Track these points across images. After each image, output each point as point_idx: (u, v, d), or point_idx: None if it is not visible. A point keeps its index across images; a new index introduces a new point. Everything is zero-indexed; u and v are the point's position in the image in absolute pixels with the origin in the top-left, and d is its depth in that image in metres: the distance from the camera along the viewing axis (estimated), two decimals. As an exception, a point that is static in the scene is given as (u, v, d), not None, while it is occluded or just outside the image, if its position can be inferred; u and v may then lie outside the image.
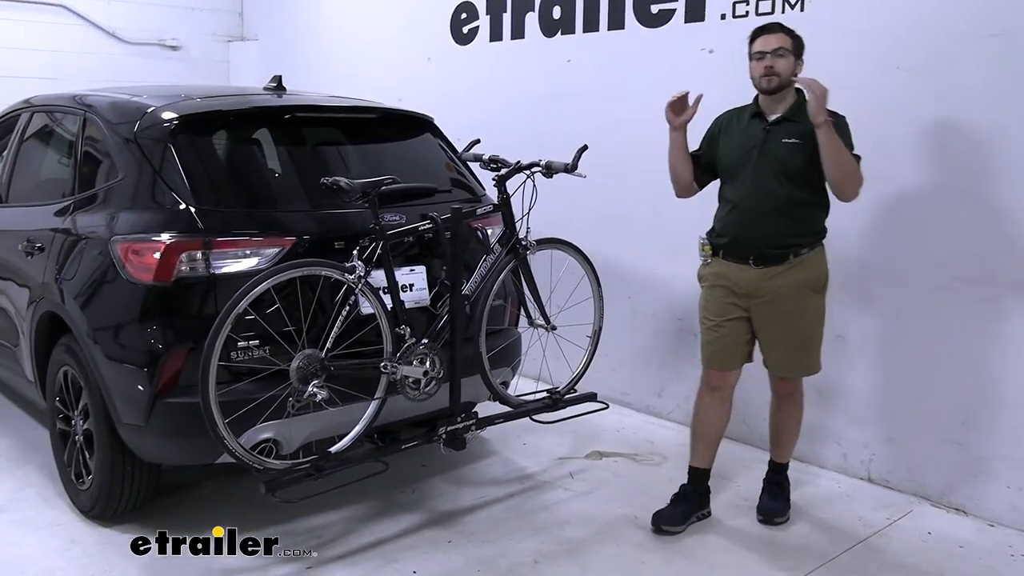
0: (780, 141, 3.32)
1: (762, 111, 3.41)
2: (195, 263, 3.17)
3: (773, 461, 3.79)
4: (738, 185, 3.42)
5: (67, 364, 3.60)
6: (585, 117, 5.07)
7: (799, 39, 3.35)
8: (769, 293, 3.41)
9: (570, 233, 4.13)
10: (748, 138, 3.41)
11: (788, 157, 3.31)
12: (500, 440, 4.54)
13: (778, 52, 3.27)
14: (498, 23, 5.56)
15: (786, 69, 3.29)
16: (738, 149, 3.43)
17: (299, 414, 3.11)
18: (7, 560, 3.28)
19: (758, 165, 3.36)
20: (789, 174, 3.32)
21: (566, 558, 3.38)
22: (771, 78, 3.30)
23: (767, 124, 3.37)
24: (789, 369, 3.57)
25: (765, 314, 3.45)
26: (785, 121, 3.34)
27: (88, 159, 3.82)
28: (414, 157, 4.10)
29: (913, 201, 3.83)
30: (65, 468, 3.74)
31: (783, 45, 3.28)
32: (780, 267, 3.38)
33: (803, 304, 3.44)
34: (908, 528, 3.68)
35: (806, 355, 3.54)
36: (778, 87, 3.31)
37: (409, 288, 3.55)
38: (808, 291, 3.43)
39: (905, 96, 3.79)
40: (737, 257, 3.45)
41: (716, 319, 3.54)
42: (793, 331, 3.47)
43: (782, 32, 3.32)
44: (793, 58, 3.31)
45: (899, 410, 3.98)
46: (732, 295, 3.48)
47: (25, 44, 6.75)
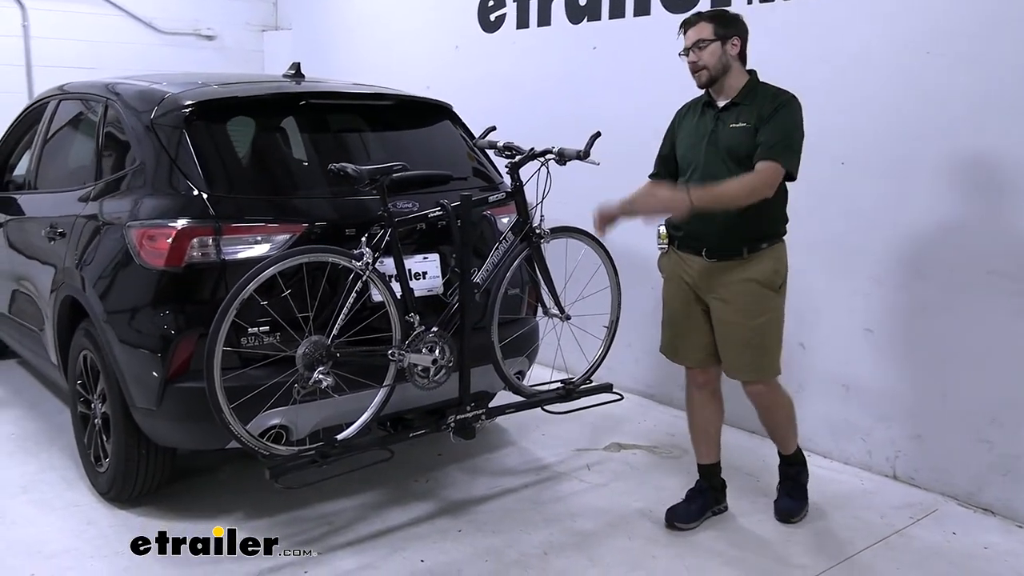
0: (728, 127, 3.19)
1: (712, 99, 3.29)
2: (206, 249, 3.18)
3: (780, 453, 3.67)
4: (690, 175, 3.28)
5: (86, 348, 3.65)
6: (610, 104, 5.01)
7: (726, 20, 3.20)
8: (721, 289, 3.28)
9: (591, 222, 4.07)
10: (700, 128, 3.29)
11: (736, 142, 3.17)
12: (518, 430, 4.51)
13: (698, 45, 3.16)
14: (525, 10, 5.52)
15: (712, 59, 3.16)
16: (691, 139, 3.32)
17: (305, 401, 3.11)
18: (24, 539, 3.34)
19: (708, 154, 3.23)
20: (739, 159, 3.16)
21: (575, 550, 3.35)
22: (700, 73, 3.20)
23: (717, 111, 3.25)
24: (741, 371, 3.37)
25: (718, 311, 3.32)
26: (734, 106, 3.21)
27: (109, 146, 3.86)
28: (432, 144, 4.08)
29: (944, 192, 3.70)
30: (85, 451, 3.80)
31: (702, 36, 3.16)
32: (733, 262, 3.25)
33: (757, 302, 3.26)
34: (932, 527, 3.57)
35: (760, 356, 3.33)
36: (709, 80, 3.20)
37: (422, 276, 3.54)
38: (763, 288, 3.25)
39: (936, 82, 3.66)
40: (691, 249, 3.34)
41: (674, 314, 3.46)
42: (747, 330, 3.28)
43: (702, 22, 3.19)
44: (719, 44, 3.16)
45: (926, 407, 3.86)
46: (688, 288, 3.38)
47: (63, 34, 6.87)
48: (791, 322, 4.22)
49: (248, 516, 3.55)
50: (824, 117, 4.00)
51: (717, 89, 3.24)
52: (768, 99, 3.16)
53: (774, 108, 3.11)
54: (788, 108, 3.13)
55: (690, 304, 3.40)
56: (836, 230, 4.05)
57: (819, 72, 4.02)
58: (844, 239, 4.03)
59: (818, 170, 4.00)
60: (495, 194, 3.64)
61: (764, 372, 3.37)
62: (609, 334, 4.01)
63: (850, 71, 3.93)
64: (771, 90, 3.21)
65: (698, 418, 3.60)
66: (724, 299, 3.28)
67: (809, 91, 4.00)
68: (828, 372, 4.19)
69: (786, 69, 4.06)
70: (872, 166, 3.91)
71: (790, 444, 3.60)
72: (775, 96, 3.17)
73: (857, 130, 3.93)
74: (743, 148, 3.14)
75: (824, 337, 4.19)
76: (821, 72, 4.02)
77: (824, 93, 4.01)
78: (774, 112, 3.11)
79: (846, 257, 4.04)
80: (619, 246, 4.01)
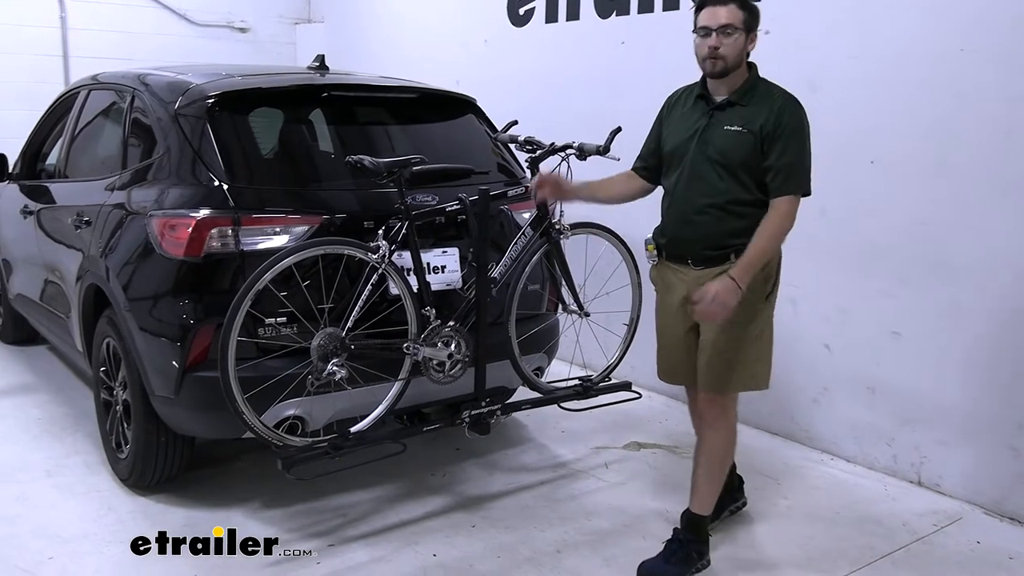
0: (722, 128, 2.88)
1: (707, 91, 2.97)
2: (225, 240, 3.20)
3: (689, 510, 3.15)
4: (676, 176, 3.00)
5: (109, 336, 3.69)
6: (637, 100, 4.90)
7: (754, 10, 2.86)
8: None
9: (619, 219, 4.04)
10: (690, 122, 2.98)
11: (728, 147, 2.86)
12: (538, 426, 4.49)
13: (726, 30, 2.79)
14: (554, 4, 5.48)
15: (734, 52, 2.82)
16: (679, 134, 3.01)
17: (320, 392, 3.11)
18: (44, 522, 3.39)
19: (695, 154, 2.93)
20: (729, 167, 2.86)
21: (589, 549, 3.32)
22: (715, 61, 2.83)
23: (710, 107, 2.94)
24: (713, 385, 3.01)
25: (703, 321, 2.97)
26: (731, 106, 2.89)
27: (134, 135, 3.90)
28: (456, 138, 4.07)
29: (975, 192, 3.60)
30: (107, 437, 3.85)
31: (733, 22, 2.79)
32: (719, 268, 2.91)
33: (743, 311, 2.87)
34: (956, 535, 3.49)
35: (738, 367, 2.98)
36: (723, 72, 2.85)
37: (440, 270, 3.53)
38: (749, 294, 2.85)
39: (969, 80, 3.57)
40: (677, 258, 3.06)
41: (665, 330, 3.17)
42: (728, 339, 2.94)
43: (734, 5, 2.80)
44: (744, 35, 2.82)
45: (953, 412, 3.78)
46: (676, 302, 3.07)
47: (99, 25, 6.97)
48: (817, 323, 4.20)
49: (264, 506, 3.57)
50: (854, 115, 3.94)
51: (717, 83, 2.92)
52: (769, 106, 2.83)
53: (779, 123, 2.80)
54: (795, 123, 2.83)
55: (680, 319, 3.09)
56: (864, 229, 3.97)
57: (849, 70, 3.95)
58: (872, 239, 3.95)
59: (847, 169, 3.94)
60: (514, 188, 3.61)
61: (728, 385, 3.01)
62: (629, 332, 3.98)
63: (881, 69, 3.85)
64: (772, 91, 2.90)
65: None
66: None
67: (839, 89, 3.98)
68: (853, 374, 4.11)
69: (816, 66, 4.02)
70: (902, 165, 3.82)
71: (707, 502, 3.12)
72: (780, 103, 2.84)
73: (888, 129, 3.84)
74: (736, 155, 2.85)
75: (850, 338, 4.11)
76: (851, 70, 3.94)
77: (854, 91, 3.94)
78: (781, 129, 2.80)
79: (873, 257, 3.96)
80: (639, 242, 3.96)
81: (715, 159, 2.89)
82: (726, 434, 3.11)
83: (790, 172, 2.83)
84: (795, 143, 2.83)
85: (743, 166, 2.86)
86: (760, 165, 2.85)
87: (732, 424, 3.12)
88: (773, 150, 2.82)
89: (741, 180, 2.87)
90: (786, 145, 2.81)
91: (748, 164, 2.85)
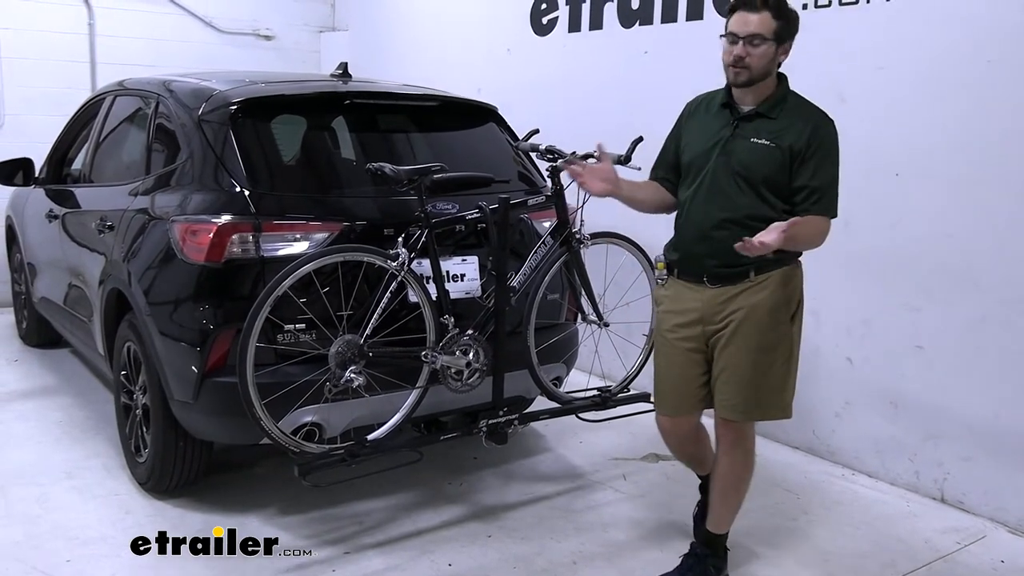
0: (748, 141, 2.73)
1: (732, 100, 2.81)
2: (246, 245, 3.21)
3: (707, 530, 3.08)
4: (693, 188, 2.84)
5: (130, 340, 3.72)
6: (660, 110, 4.87)
7: (788, 18, 2.67)
8: (724, 318, 2.80)
9: (641, 229, 4.02)
10: (711, 131, 2.82)
11: (753, 160, 2.71)
12: (556, 437, 4.47)
13: (754, 40, 2.63)
14: (577, 13, 5.48)
15: (761, 62, 2.66)
16: (698, 143, 2.85)
17: (338, 399, 3.11)
18: (62, 524, 3.41)
19: (716, 166, 2.77)
20: (751, 181, 2.72)
21: (605, 561, 3.29)
22: (740, 71, 2.68)
23: (735, 117, 2.79)
24: (739, 410, 2.84)
25: (721, 343, 2.82)
26: (758, 117, 2.75)
27: (158, 141, 3.93)
28: (477, 147, 4.08)
29: (1001, 203, 3.56)
30: (126, 440, 3.87)
31: (762, 32, 2.62)
32: (737, 286, 2.78)
33: (766, 332, 2.76)
34: (979, 554, 3.44)
35: (765, 395, 2.83)
36: (747, 82, 2.70)
37: (460, 278, 3.53)
38: (773, 316, 2.76)
39: (995, 92, 3.53)
40: (690, 276, 2.87)
41: (669, 360, 2.95)
42: (750, 364, 2.78)
43: (766, 11, 2.63)
44: (774, 46, 2.65)
45: (977, 427, 3.72)
46: (685, 324, 2.88)
47: (126, 32, 7.03)
48: (839, 336, 4.15)
49: (281, 512, 3.57)
50: (879, 127, 3.91)
51: (744, 92, 2.76)
52: (801, 123, 2.71)
53: (812, 141, 2.68)
54: (828, 144, 2.71)
55: (684, 343, 2.90)
56: (888, 242, 3.93)
57: (874, 81, 3.91)
58: (896, 251, 3.91)
59: (871, 181, 3.90)
60: (534, 197, 3.61)
61: (751, 414, 2.87)
62: (649, 342, 3.94)
63: (908, 80, 3.81)
64: (804, 108, 2.77)
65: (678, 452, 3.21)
66: (729, 329, 2.79)
67: (864, 100, 3.94)
68: (876, 388, 4.06)
69: (841, 78, 3.99)
70: (927, 177, 3.78)
71: (724, 520, 3.05)
72: (813, 122, 2.72)
73: (912, 140, 3.80)
74: (760, 170, 2.71)
75: (872, 352, 4.06)
76: (876, 81, 3.90)
77: (879, 102, 3.90)
78: (814, 150, 2.68)
79: (897, 270, 3.91)
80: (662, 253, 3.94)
81: (737, 172, 2.74)
82: (742, 459, 2.96)
83: (822, 194, 2.70)
84: (829, 164, 2.71)
85: (766, 181, 2.72)
86: (787, 183, 2.72)
87: (748, 449, 2.96)
88: (805, 170, 2.69)
89: (763, 196, 2.73)
90: (819, 166, 2.69)
91: (772, 180, 2.72)
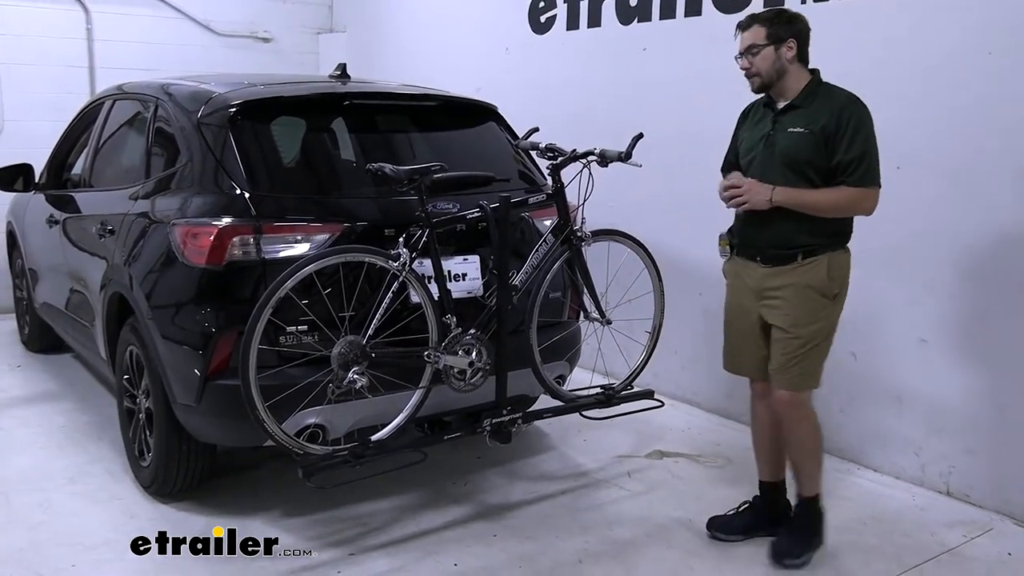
0: (786, 131, 3.07)
1: (772, 99, 3.18)
2: (247, 248, 3.20)
3: (798, 494, 3.35)
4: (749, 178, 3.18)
5: (133, 344, 3.71)
6: (659, 106, 4.93)
7: (780, 20, 3.07)
8: (774, 295, 3.15)
9: (643, 227, 4.02)
10: (759, 129, 3.19)
11: (793, 148, 3.05)
12: (560, 435, 4.46)
13: (751, 51, 3.07)
14: (575, 11, 5.47)
15: (765, 65, 3.06)
16: (750, 140, 3.22)
17: (340, 400, 3.10)
18: (65, 529, 3.41)
19: (764, 158, 3.13)
20: (795, 166, 3.05)
21: (611, 559, 3.29)
22: (752, 79, 3.12)
23: (775, 113, 3.14)
24: (784, 381, 3.18)
25: (769, 317, 3.19)
26: (793, 108, 3.09)
27: (158, 145, 3.92)
28: (478, 146, 4.07)
29: (1003, 196, 3.55)
30: (130, 445, 3.87)
31: (755, 41, 3.06)
32: (787, 267, 3.12)
33: (808, 309, 3.11)
34: (986, 547, 3.43)
35: (802, 364, 3.14)
36: (762, 86, 3.12)
37: (462, 278, 3.52)
38: (816, 295, 3.10)
39: (997, 84, 3.52)
40: (747, 255, 3.24)
41: (737, 323, 3.33)
42: (792, 336, 3.12)
43: (755, 25, 3.07)
44: (773, 48, 3.04)
45: (983, 420, 3.71)
46: (746, 296, 3.26)
47: (124, 36, 7.02)
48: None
49: (285, 514, 3.57)
50: (880, 120, 3.83)
51: (776, 92, 3.14)
52: (830, 105, 3.01)
53: (841, 121, 2.97)
54: (856, 120, 2.99)
55: (748, 313, 3.26)
56: (890, 236, 3.91)
57: (875, 74, 3.89)
58: (898, 245, 3.89)
59: (871, 174, 3.88)
60: (535, 196, 3.60)
61: (801, 384, 3.19)
62: (652, 339, 3.94)
63: (908, 73, 3.80)
64: (834, 93, 3.07)
65: (758, 431, 3.44)
66: (776, 305, 3.14)
67: (864, 94, 3.89)
68: (880, 383, 4.05)
69: (840, 71, 3.96)
70: (929, 170, 3.77)
71: (812, 483, 3.30)
72: (840, 104, 3.01)
73: (914, 133, 3.79)
74: (800, 154, 3.03)
75: (877, 346, 4.05)
76: (877, 74, 3.89)
77: (880, 96, 3.84)
78: (844, 126, 2.97)
79: (900, 264, 3.90)
80: (663, 250, 3.95)
81: (782, 159, 3.07)
82: (809, 427, 3.25)
83: (857, 166, 2.98)
84: (860, 138, 2.98)
85: (809, 164, 3.03)
86: (827, 164, 3.01)
87: (813, 417, 3.26)
88: (839, 148, 2.99)
89: (809, 178, 3.04)
90: (851, 141, 2.97)
91: (813, 162, 3.02)
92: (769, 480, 3.46)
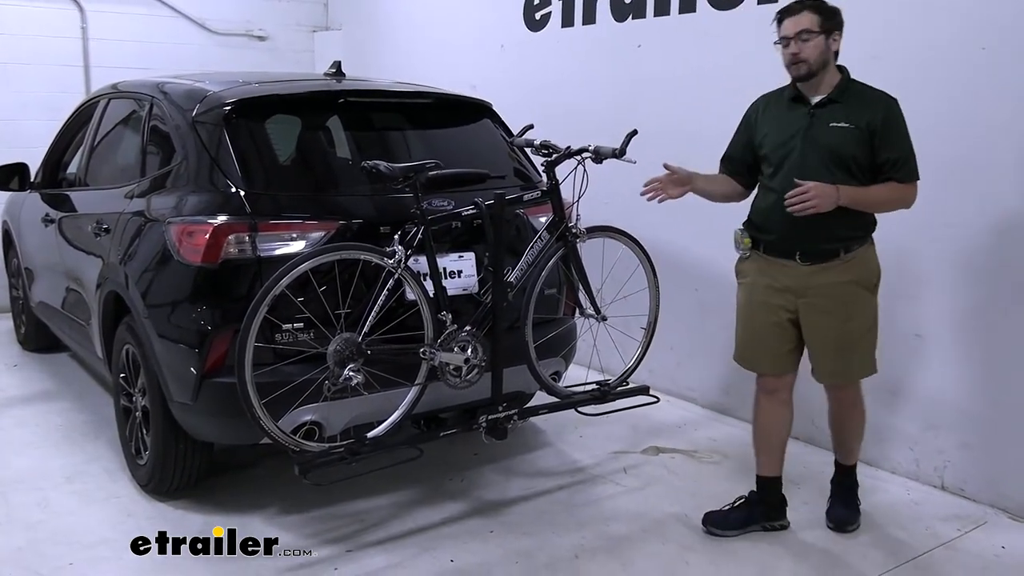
0: (828, 126, 3.07)
1: (802, 94, 3.16)
2: (242, 246, 3.21)
3: (839, 463, 3.55)
4: (783, 175, 3.14)
5: (129, 342, 3.71)
6: (654, 103, 4.94)
7: (830, 12, 3.06)
8: (818, 292, 3.17)
9: (638, 223, 4.03)
10: (790, 123, 3.16)
11: (838, 143, 3.06)
12: (556, 432, 4.47)
13: (802, 36, 3.01)
14: (570, 8, 5.47)
15: (815, 53, 3.03)
16: (779, 135, 3.19)
17: (336, 398, 3.11)
18: (63, 528, 3.41)
19: (804, 152, 3.10)
20: (841, 161, 3.06)
21: (607, 554, 3.30)
22: (799, 65, 3.06)
23: (811, 108, 3.13)
24: (841, 375, 3.32)
25: (813, 315, 3.21)
26: (831, 103, 3.10)
27: (153, 143, 3.93)
28: (473, 143, 4.07)
29: (997, 191, 3.56)
30: (127, 443, 3.87)
31: (807, 27, 3.01)
32: (830, 264, 3.15)
33: (855, 304, 3.19)
34: (980, 541, 3.44)
35: (858, 357, 3.26)
36: (808, 74, 3.07)
37: (457, 275, 3.52)
38: (860, 289, 3.18)
39: (991, 79, 3.53)
40: (781, 253, 3.22)
41: (752, 320, 3.34)
42: (844, 334, 3.20)
43: (807, 11, 3.03)
44: (824, 37, 3.03)
45: (976, 414, 3.72)
46: (776, 293, 3.25)
47: (119, 35, 7.01)
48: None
49: (282, 511, 3.58)
50: (873, 115, 3.90)
51: (811, 85, 3.12)
52: (872, 102, 3.06)
53: (884, 117, 3.03)
54: (899, 118, 3.06)
55: (774, 311, 3.26)
56: (887, 231, 3.90)
57: (870, 69, 3.88)
58: (895, 240, 3.88)
59: (865, 170, 3.89)
60: (530, 192, 3.60)
61: (863, 372, 3.31)
62: (647, 335, 3.95)
63: (903, 69, 3.81)
64: (868, 90, 3.12)
65: (762, 426, 3.46)
66: (820, 303, 3.17)
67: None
68: (874, 377, 3.99)
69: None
70: (923, 165, 3.74)
71: (854, 454, 3.51)
72: (883, 102, 3.07)
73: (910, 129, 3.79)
74: (846, 149, 3.05)
75: (871, 342, 4.06)
76: (872, 69, 3.87)
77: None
78: (889, 125, 3.03)
79: (896, 259, 3.90)
80: (658, 246, 3.95)
81: (824, 155, 3.07)
82: (863, 407, 3.44)
83: (903, 163, 3.06)
84: (902, 137, 3.07)
85: (853, 159, 3.06)
86: (872, 160, 3.07)
87: (860, 403, 3.43)
88: (886, 145, 3.05)
89: (852, 172, 3.07)
90: (897, 139, 3.06)
91: (857, 157, 3.06)
92: (769, 475, 3.48)
